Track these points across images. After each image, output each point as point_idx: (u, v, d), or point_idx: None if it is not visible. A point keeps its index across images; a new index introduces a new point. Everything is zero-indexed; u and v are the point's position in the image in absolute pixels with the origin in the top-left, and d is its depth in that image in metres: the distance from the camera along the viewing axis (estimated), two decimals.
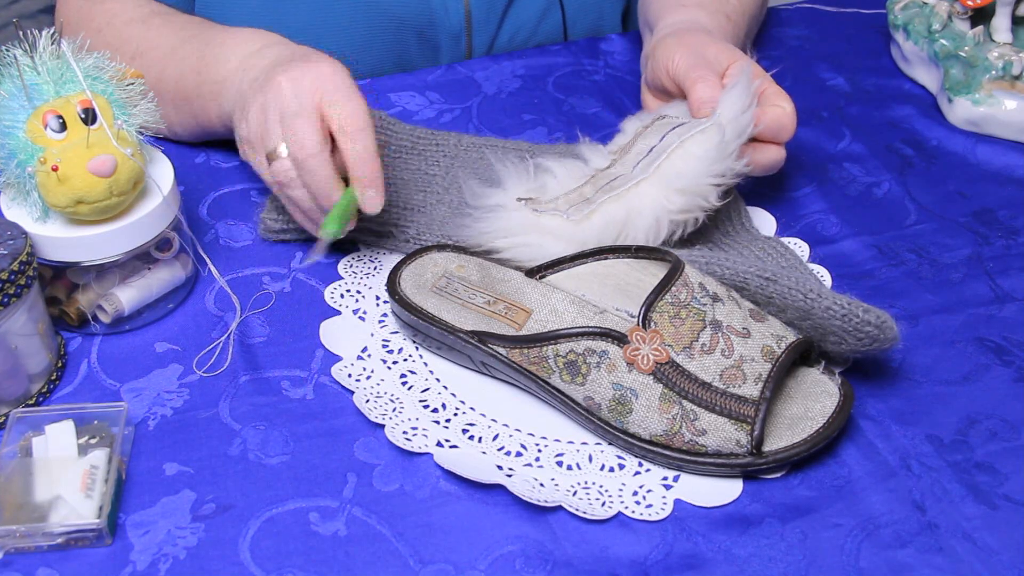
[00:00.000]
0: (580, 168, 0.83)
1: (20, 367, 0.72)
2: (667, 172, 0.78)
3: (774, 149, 0.85)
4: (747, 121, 0.81)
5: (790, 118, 0.84)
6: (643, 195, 0.78)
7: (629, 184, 0.78)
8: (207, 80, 0.87)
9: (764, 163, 0.85)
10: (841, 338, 0.71)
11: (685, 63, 0.85)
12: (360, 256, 0.85)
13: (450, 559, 0.64)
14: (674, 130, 0.81)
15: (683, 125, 0.81)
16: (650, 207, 0.78)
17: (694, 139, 0.79)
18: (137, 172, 0.73)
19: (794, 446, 0.68)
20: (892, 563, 0.64)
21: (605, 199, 0.78)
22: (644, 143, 0.82)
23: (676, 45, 0.88)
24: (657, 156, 0.79)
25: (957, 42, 1.00)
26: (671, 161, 0.79)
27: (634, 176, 0.79)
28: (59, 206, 0.71)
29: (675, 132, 0.81)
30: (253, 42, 0.86)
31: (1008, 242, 0.88)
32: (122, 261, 0.76)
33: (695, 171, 0.78)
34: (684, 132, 0.80)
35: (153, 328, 0.79)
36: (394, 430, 0.71)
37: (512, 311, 0.76)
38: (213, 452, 0.70)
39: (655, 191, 0.78)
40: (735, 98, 0.81)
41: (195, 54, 0.88)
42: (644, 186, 0.78)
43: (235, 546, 0.65)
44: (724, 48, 0.88)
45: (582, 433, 0.72)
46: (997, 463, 0.70)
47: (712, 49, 0.87)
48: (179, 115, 0.91)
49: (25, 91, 0.71)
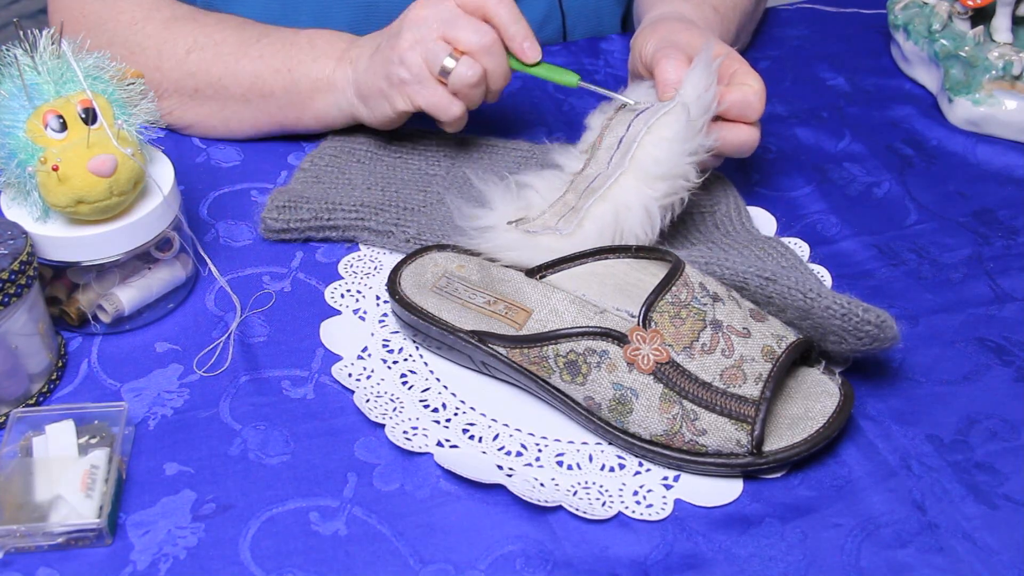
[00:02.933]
0: (558, 177, 0.84)
1: (20, 367, 0.72)
2: (643, 161, 0.78)
3: (745, 129, 0.85)
4: (710, 98, 0.80)
5: (757, 96, 0.84)
6: (626, 189, 0.78)
7: (609, 182, 0.78)
8: (303, 77, 0.90)
9: (735, 142, 0.85)
10: (841, 338, 0.71)
11: (654, 47, 0.86)
12: (360, 256, 0.85)
13: (450, 559, 0.64)
14: (639, 116, 0.81)
15: (647, 110, 0.81)
16: (636, 200, 0.78)
17: (661, 122, 0.79)
18: (137, 172, 0.73)
19: (794, 446, 0.68)
20: (892, 563, 0.64)
21: (591, 203, 0.78)
22: (612, 136, 0.82)
23: (650, 33, 0.89)
24: (628, 146, 0.79)
25: (957, 42, 1.00)
26: (644, 149, 0.79)
27: (611, 172, 0.79)
28: (59, 206, 0.71)
29: (640, 118, 0.80)
30: (340, 39, 0.91)
31: (1008, 242, 0.88)
32: (122, 261, 0.76)
33: (669, 153, 0.78)
34: (649, 117, 0.80)
35: (153, 328, 0.79)
36: (394, 430, 0.71)
37: (512, 311, 0.76)
38: (213, 452, 0.70)
39: (636, 183, 0.78)
40: (697, 77, 0.80)
41: (278, 53, 0.91)
42: (624, 180, 0.78)
43: (235, 546, 0.65)
44: (697, 34, 0.88)
45: (582, 433, 0.72)
46: (997, 463, 0.70)
47: (684, 35, 0.87)
48: (250, 111, 0.93)
49: (25, 91, 0.71)
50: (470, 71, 0.84)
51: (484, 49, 0.84)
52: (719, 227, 0.85)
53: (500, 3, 0.84)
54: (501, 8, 0.84)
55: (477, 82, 0.84)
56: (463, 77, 0.84)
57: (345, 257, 0.85)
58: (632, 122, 0.81)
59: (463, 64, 0.84)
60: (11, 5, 1.15)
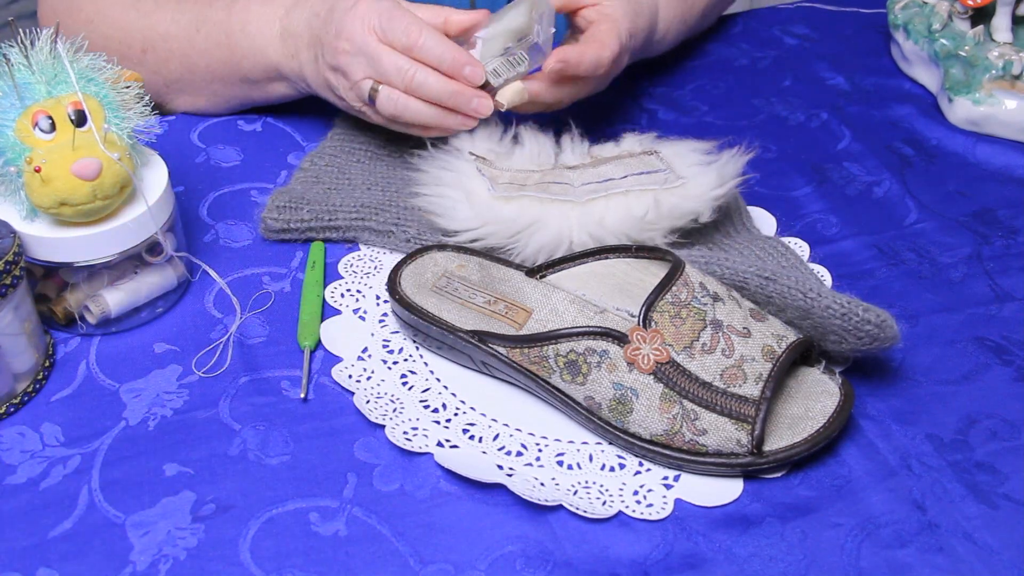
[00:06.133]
0: (549, 154, 0.85)
1: (5, 366, 0.71)
2: (595, 211, 0.79)
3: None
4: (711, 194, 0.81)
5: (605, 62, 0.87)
6: (561, 215, 0.79)
7: (560, 197, 0.79)
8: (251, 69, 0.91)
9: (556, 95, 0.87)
10: (841, 337, 0.71)
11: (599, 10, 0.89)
12: (360, 256, 0.85)
13: (450, 559, 0.64)
14: (639, 176, 0.81)
15: (649, 174, 0.81)
16: (556, 227, 0.79)
17: (641, 196, 0.79)
18: (123, 176, 0.72)
19: (794, 446, 0.68)
20: (892, 563, 0.64)
21: (531, 195, 0.79)
22: (610, 169, 0.82)
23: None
24: (604, 191, 0.80)
25: (957, 42, 1.00)
26: (608, 203, 0.79)
27: (571, 195, 0.80)
28: (43, 207, 0.71)
29: (637, 178, 0.81)
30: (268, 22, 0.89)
31: (1008, 242, 0.88)
32: (113, 263, 0.75)
33: (617, 227, 0.79)
34: (644, 183, 0.80)
35: (152, 329, 0.79)
36: (394, 430, 0.71)
37: (512, 311, 0.76)
38: (213, 452, 0.70)
39: (573, 219, 0.79)
40: (709, 178, 0.81)
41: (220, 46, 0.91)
42: (568, 208, 0.79)
43: (235, 546, 0.65)
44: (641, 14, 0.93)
45: (582, 433, 0.72)
46: (997, 463, 0.70)
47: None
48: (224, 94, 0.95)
49: (16, 90, 0.71)
50: (391, 100, 0.82)
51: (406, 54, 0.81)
52: (719, 227, 0.85)
53: (426, 41, 0.80)
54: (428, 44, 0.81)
55: (402, 108, 0.82)
56: (385, 104, 0.83)
57: (345, 257, 0.85)
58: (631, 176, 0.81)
59: (383, 89, 0.82)
60: (10, 5, 1.16)
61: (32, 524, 0.66)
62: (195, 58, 0.92)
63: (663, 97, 1.06)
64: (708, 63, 1.11)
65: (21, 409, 0.73)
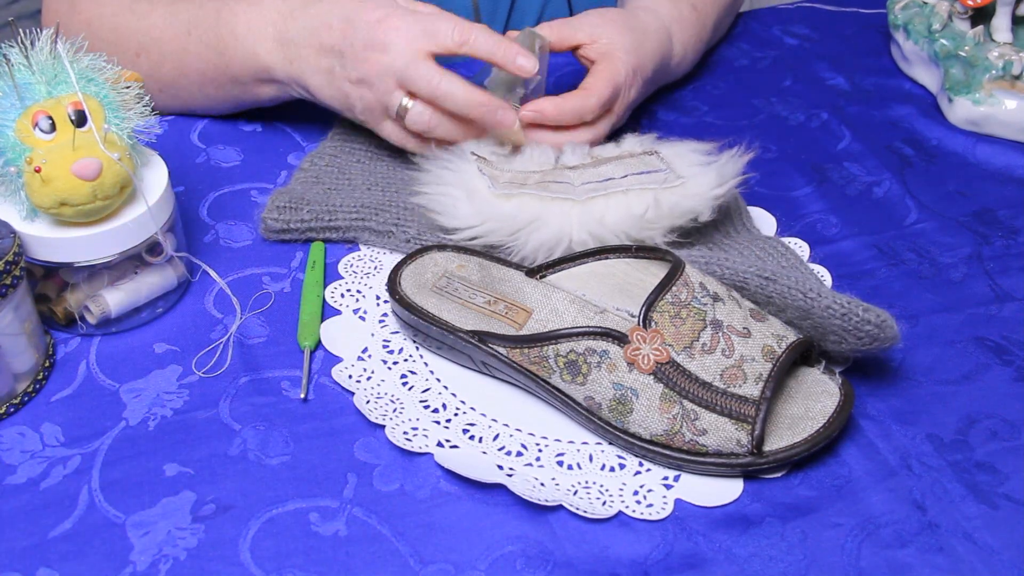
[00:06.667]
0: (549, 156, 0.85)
1: (5, 366, 0.72)
2: (595, 210, 0.79)
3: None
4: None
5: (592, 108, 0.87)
6: (561, 213, 0.79)
7: (560, 196, 0.79)
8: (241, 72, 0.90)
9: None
10: (841, 337, 0.71)
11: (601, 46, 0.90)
12: (360, 256, 0.85)
13: (450, 559, 0.64)
14: (639, 175, 0.81)
15: (649, 174, 0.81)
16: (557, 225, 0.79)
17: (641, 195, 0.79)
18: (123, 176, 0.72)
19: (794, 446, 0.68)
20: (892, 563, 0.64)
21: (532, 193, 0.79)
22: (610, 169, 0.82)
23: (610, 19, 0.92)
24: (604, 190, 0.80)
25: (957, 42, 1.00)
26: (608, 201, 0.79)
27: (571, 193, 0.80)
28: (43, 207, 0.71)
29: (637, 178, 0.81)
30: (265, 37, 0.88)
31: (1008, 242, 0.88)
32: (113, 263, 0.75)
33: (616, 225, 0.79)
34: (645, 182, 0.80)
35: (152, 329, 0.79)
36: (394, 430, 0.71)
37: (512, 311, 0.76)
38: (213, 452, 0.70)
39: (573, 217, 0.79)
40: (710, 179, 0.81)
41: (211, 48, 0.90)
42: (568, 206, 0.79)
43: (235, 547, 0.65)
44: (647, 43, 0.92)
45: (582, 433, 0.72)
46: (997, 463, 0.70)
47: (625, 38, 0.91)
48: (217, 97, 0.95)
49: (16, 90, 0.71)
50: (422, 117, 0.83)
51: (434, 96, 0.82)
52: (719, 227, 0.85)
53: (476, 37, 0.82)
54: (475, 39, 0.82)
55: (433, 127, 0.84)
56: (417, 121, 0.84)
57: (345, 257, 0.85)
58: (631, 175, 0.81)
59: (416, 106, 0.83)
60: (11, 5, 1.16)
61: (32, 524, 0.66)
62: (187, 61, 0.91)
63: (663, 97, 1.06)
64: (708, 63, 1.11)
65: (21, 409, 0.73)
